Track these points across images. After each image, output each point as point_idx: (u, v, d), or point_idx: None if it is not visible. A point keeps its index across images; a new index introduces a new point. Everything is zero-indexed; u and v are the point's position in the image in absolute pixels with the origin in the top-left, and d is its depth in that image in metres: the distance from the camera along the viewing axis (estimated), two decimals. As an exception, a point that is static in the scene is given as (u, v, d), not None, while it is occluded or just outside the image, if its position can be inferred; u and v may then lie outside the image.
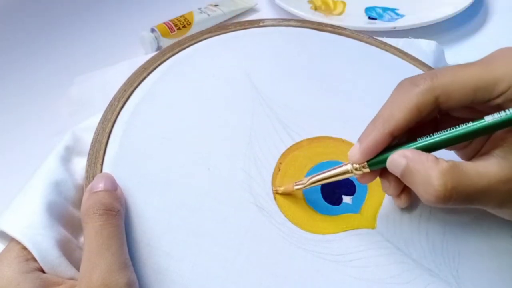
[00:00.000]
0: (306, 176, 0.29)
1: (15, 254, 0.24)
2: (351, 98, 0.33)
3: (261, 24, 0.38)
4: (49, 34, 0.56)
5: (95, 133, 0.30)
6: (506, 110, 0.22)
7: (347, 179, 0.29)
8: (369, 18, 0.55)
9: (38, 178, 0.27)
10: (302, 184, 0.28)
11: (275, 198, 0.28)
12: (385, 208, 0.29)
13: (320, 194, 0.29)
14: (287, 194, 0.29)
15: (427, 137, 0.24)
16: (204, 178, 0.28)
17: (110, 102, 0.31)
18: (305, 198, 0.29)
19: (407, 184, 0.24)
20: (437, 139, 0.23)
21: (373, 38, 0.39)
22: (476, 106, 0.24)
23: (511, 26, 0.56)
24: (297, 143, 0.31)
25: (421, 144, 0.24)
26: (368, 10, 0.57)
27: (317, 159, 0.30)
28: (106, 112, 0.31)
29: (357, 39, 0.38)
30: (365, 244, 0.27)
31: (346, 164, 0.26)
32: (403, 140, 0.25)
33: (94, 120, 0.31)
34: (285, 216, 0.28)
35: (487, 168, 0.22)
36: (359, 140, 0.25)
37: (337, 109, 0.31)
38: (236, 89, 0.33)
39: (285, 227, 0.27)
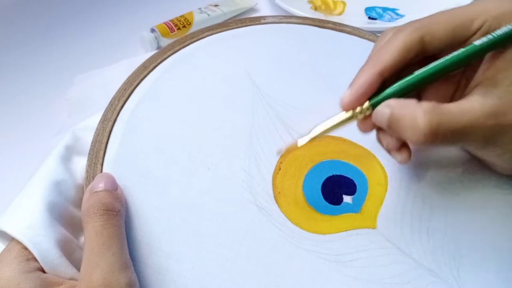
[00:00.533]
0: (306, 176, 0.30)
1: (15, 254, 0.24)
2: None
3: (262, 21, 0.38)
4: (49, 34, 0.56)
5: (95, 132, 0.30)
6: (493, 33, 0.23)
7: (348, 179, 0.29)
8: (369, 18, 0.55)
9: (38, 178, 0.27)
10: (306, 137, 0.27)
11: (275, 198, 0.28)
12: (386, 208, 0.29)
13: (321, 194, 0.29)
14: (291, 152, 0.28)
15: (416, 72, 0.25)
16: (205, 178, 0.28)
17: (110, 101, 0.31)
18: (306, 197, 0.29)
19: (395, 133, 0.24)
20: (428, 69, 0.24)
21: (375, 35, 0.39)
22: (458, 47, 0.25)
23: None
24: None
25: (412, 77, 0.24)
26: (368, 10, 0.57)
27: (318, 158, 0.30)
28: (106, 111, 0.31)
29: (359, 36, 0.38)
30: (365, 244, 0.27)
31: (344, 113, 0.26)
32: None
33: (94, 120, 0.31)
34: (285, 216, 0.28)
35: (470, 105, 0.23)
36: (350, 85, 0.25)
37: (339, 108, 0.31)
38: (236, 87, 0.33)
39: (285, 227, 0.27)
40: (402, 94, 0.25)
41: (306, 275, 0.26)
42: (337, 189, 0.29)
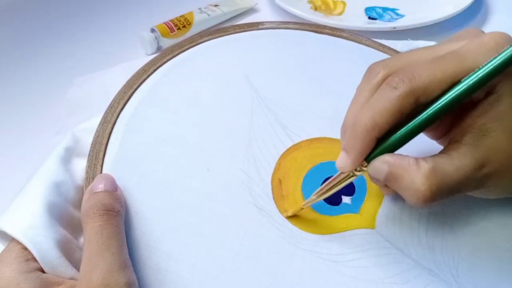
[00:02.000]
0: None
1: (15, 254, 0.24)
2: (349, 99, 0.33)
3: (260, 26, 0.39)
4: (49, 35, 0.56)
5: (95, 134, 0.30)
6: (474, 74, 0.23)
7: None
8: (369, 18, 0.55)
9: (38, 179, 0.27)
10: (310, 201, 0.27)
11: (274, 199, 0.28)
12: (385, 208, 0.29)
13: (320, 195, 0.29)
14: (296, 215, 0.28)
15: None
16: (204, 179, 0.29)
17: (110, 103, 0.31)
18: (305, 198, 0.29)
19: (392, 188, 0.24)
20: (413, 124, 0.24)
21: (372, 40, 0.39)
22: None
23: (511, 26, 0.56)
24: (296, 144, 0.31)
25: (401, 133, 0.24)
26: (368, 10, 0.57)
27: (316, 160, 0.30)
28: (106, 113, 0.31)
29: (356, 42, 0.39)
30: (364, 244, 0.27)
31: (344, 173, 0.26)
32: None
33: (94, 122, 0.31)
34: (285, 216, 0.28)
35: (462, 161, 0.23)
36: (346, 150, 0.25)
37: (336, 111, 0.31)
38: (235, 91, 0.33)
39: (284, 227, 0.27)
40: (396, 148, 0.24)
41: (305, 275, 0.26)
42: (336, 189, 0.29)
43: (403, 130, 0.24)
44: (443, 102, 0.23)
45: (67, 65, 0.51)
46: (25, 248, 0.24)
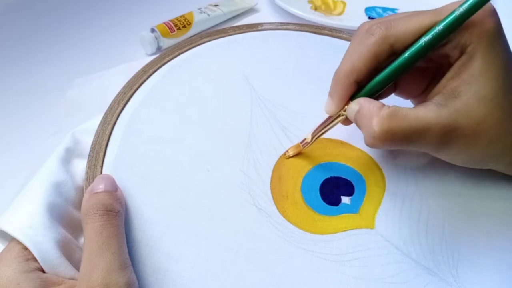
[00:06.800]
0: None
1: (15, 254, 0.24)
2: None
3: (260, 28, 0.39)
4: (49, 35, 0.56)
5: (95, 135, 0.30)
6: (439, 25, 0.24)
7: (346, 180, 0.30)
8: (369, 18, 0.55)
9: (39, 179, 0.28)
10: (307, 142, 0.30)
11: (274, 199, 0.28)
12: (384, 208, 0.29)
13: (319, 195, 0.29)
14: (296, 155, 0.30)
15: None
16: (204, 180, 0.29)
17: (110, 104, 0.31)
18: (304, 198, 0.29)
19: (358, 127, 0.26)
20: (382, 75, 0.26)
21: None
22: None
23: (511, 26, 0.56)
24: (295, 145, 0.31)
25: (377, 79, 0.26)
26: (368, 10, 0.57)
27: (316, 161, 0.31)
28: (106, 114, 0.31)
29: (355, 42, 0.39)
30: (364, 244, 0.27)
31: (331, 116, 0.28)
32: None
33: (94, 122, 0.31)
34: (284, 216, 0.28)
35: (426, 113, 0.24)
36: (330, 95, 0.28)
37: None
38: (235, 92, 0.33)
39: (284, 227, 0.27)
40: (375, 92, 0.27)
41: (305, 275, 0.26)
42: (335, 190, 0.29)
43: (378, 76, 0.26)
44: (413, 48, 0.25)
45: (66, 66, 0.51)
46: (25, 248, 0.25)
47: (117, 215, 0.25)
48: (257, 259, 0.26)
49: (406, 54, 0.25)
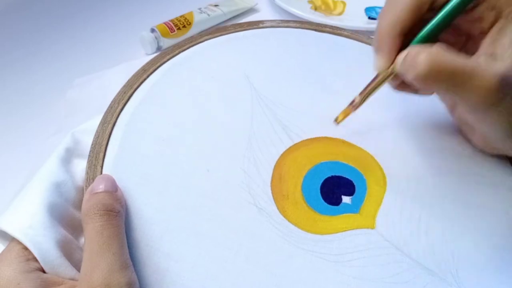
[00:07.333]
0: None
1: (16, 254, 0.24)
2: (350, 98, 0.33)
3: (260, 25, 0.38)
4: (49, 35, 0.56)
5: (95, 135, 0.30)
6: None
7: (347, 180, 0.30)
8: (369, 18, 0.55)
9: (39, 179, 0.28)
10: (356, 104, 0.29)
11: (274, 199, 0.28)
12: (385, 208, 0.29)
13: (320, 194, 0.29)
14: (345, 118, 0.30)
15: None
16: (204, 179, 0.29)
17: (110, 104, 0.31)
18: (305, 198, 0.29)
19: (404, 74, 0.25)
20: (433, 22, 0.26)
21: (372, 38, 0.39)
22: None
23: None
24: (296, 144, 0.31)
25: (422, 33, 0.26)
26: (368, 10, 0.57)
27: (316, 160, 0.30)
28: (106, 114, 0.31)
29: (356, 40, 0.39)
30: (364, 244, 0.27)
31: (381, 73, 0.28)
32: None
33: (94, 122, 0.31)
34: (284, 216, 0.28)
35: (475, 60, 0.24)
36: (377, 50, 0.27)
37: (337, 110, 0.31)
38: (235, 91, 0.33)
39: (284, 227, 0.27)
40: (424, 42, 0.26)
41: (305, 275, 0.26)
42: (336, 189, 0.29)
43: (425, 28, 0.26)
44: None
45: (66, 66, 0.51)
46: (26, 248, 0.25)
47: (118, 215, 0.25)
48: (257, 259, 0.26)
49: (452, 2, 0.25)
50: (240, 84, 0.34)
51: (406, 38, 0.27)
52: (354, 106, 0.30)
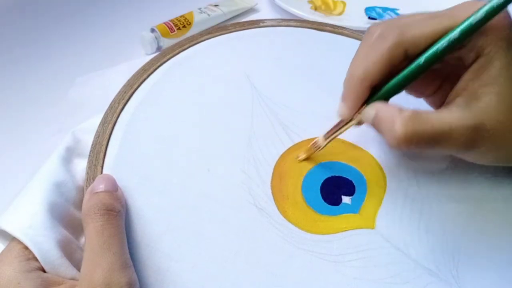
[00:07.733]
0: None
1: (16, 253, 0.24)
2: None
3: (261, 24, 0.38)
4: (50, 35, 0.56)
5: (95, 135, 0.30)
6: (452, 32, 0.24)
7: (347, 180, 0.30)
8: (369, 18, 0.55)
9: (39, 179, 0.28)
10: (319, 146, 0.29)
11: (274, 199, 0.28)
12: (385, 208, 0.29)
13: (320, 195, 0.29)
14: (308, 159, 0.30)
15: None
16: (204, 179, 0.29)
17: (111, 104, 0.31)
18: (305, 198, 0.29)
19: (377, 131, 0.26)
20: (397, 79, 0.26)
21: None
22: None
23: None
24: (296, 144, 0.31)
25: (391, 83, 0.26)
26: (368, 10, 0.57)
27: (317, 160, 0.30)
28: (106, 113, 0.31)
29: (357, 39, 0.39)
30: (364, 244, 0.27)
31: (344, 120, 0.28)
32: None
33: (94, 122, 0.31)
34: (284, 216, 0.28)
35: (449, 115, 0.24)
36: (343, 99, 0.27)
37: (336, 109, 0.31)
38: (236, 90, 0.33)
39: (284, 228, 0.27)
40: (389, 96, 0.26)
41: (305, 275, 0.26)
42: (336, 190, 0.29)
43: (393, 80, 0.26)
44: (428, 53, 0.25)
45: (67, 65, 0.51)
46: (26, 248, 0.25)
47: (118, 215, 0.25)
48: (257, 259, 0.26)
49: (422, 59, 0.25)
50: (240, 84, 0.34)
51: (374, 87, 0.26)
52: (316, 147, 0.29)
